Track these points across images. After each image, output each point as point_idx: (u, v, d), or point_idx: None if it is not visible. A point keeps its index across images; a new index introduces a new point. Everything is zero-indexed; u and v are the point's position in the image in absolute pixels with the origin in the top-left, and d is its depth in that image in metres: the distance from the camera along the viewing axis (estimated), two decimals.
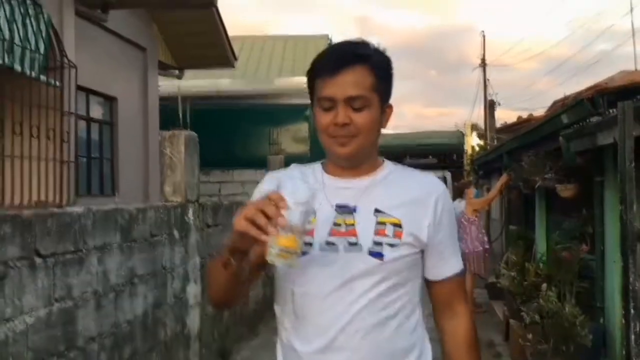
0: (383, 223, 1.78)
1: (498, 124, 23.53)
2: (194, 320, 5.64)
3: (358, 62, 1.77)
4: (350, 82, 1.75)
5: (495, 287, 9.42)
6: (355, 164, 1.85)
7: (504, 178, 8.73)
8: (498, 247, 12.22)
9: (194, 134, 5.91)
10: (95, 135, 9.41)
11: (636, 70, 10.80)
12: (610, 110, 4.28)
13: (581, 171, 6.11)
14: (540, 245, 8.99)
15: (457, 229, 2.04)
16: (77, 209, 3.85)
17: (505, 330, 7.26)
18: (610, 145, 4.82)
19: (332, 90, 1.76)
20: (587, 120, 4.84)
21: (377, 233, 1.77)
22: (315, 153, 15.24)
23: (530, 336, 5.77)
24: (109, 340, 4.09)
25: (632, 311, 2.60)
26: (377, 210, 1.79)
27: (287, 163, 11.98)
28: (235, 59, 13.01)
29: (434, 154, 26.99)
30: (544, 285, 6.14)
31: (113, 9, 8.76)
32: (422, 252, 1.84)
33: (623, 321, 5.21)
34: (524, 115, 18.19)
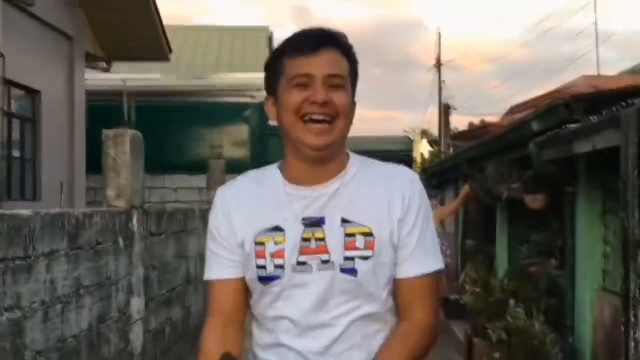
0: (352, 234, 1.78)
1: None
2: (137, 337, 5.72)
3: (335, 46, 1.81)
4: (329, 60, 1.78)
5: (454, 305, 9.75)
6: (324, 161, 1.82)
7: (466, 188, 9.06)
8: (452, 262, 12.57)
9: (139, 133, 6.00)
10: (16, 133, 9.34)
11: (599, 75, 11.37)
12: (591, 117, 4.59)
13: (550, 181, 6.45)
14: (502, 260, 9.35)
15: None
16: (25, 212, 3.92)
17: (468, 350, 7.56)
18: (584, 154, 5.17)
19: (310, 68, 1.76)
20: (562, 127, 5.15)
21: (347, 247, 1.77)
22: (256, 158, 15.38)
23: (497, 355, 6.06)
24: (55, 355, 4.16)
25: (632, 319, 2.88)
26: (344, 220, 1.79)
27: (228, 169, 11.91)
28: (170, 51, 13.08)
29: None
30: (512, 302, 6.44)
31: None
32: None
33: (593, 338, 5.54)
34: (476, 121, 18.75)
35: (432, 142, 27.01)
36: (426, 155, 29.06)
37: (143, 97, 14.38)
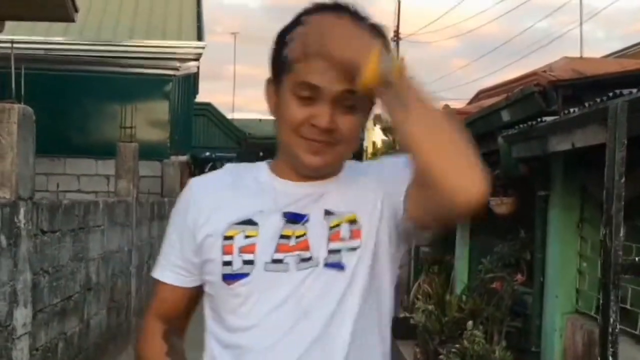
0: (337, 225, 1.78)
1: None
2: (21, 355, 5.55)
3: None
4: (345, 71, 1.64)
5: (404, 324, 9.77)
6: (322, 175, 1.83)
7: None
8: (403, 273, 12.58)
9: (29, 109, 5.82)
10: None
11: (582, 57, 11.46)
12: (571, 109, 4.59)
13: (520, 183, 6.49)
14: (461, 273, 9.43)
15: None
16: None
17: None
18: (561, 152, 5.20)
19: (320, 78, 1.67)
20: (537, 119, 5.15)
21: (331, 239, 1.77)
22: (178, 142, 15.18)
23: None
24: None
25: (610, 358, 2.85)
26: (327, 213, 1.79)
27: (142, 154, 11.61)
28: (76, 10, 12.77)
29: None
30: (470, 323, 6.48)
31: None
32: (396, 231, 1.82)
33: None
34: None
35: (386, 130, 27.07)
36: (379, 144, 29.16)
37: (38, 65, 13.98)
